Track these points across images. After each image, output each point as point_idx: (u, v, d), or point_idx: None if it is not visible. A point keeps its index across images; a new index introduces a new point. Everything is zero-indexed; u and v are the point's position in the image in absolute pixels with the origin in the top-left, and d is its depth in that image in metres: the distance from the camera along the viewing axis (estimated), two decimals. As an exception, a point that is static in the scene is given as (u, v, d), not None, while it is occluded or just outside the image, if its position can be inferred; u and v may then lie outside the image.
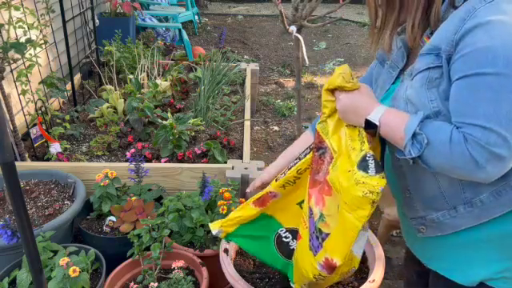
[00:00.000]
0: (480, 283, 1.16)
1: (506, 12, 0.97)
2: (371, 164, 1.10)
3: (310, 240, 1.32)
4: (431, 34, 1.10)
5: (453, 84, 1.01)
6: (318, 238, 1.27)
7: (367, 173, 1.08)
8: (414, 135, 1.02)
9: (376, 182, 1.06)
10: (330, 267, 1.22)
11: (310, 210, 1.31)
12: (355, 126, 1.19)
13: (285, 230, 1.53)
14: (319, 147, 1.33)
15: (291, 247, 1.52)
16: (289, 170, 1.44)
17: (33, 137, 2.74)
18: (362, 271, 1.69)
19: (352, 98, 1.16)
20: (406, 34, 1.14)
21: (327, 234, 1.23)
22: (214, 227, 1.54)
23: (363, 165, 1.11)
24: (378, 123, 1.10)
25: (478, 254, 1.15)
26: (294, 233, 1.50)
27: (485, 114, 0.94)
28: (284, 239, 1.53)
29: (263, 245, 1.54)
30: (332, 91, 1.24)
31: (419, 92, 1.08)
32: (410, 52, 1.21)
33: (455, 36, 1.00)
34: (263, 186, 1.53)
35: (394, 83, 1.24)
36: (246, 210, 1.51)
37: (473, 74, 0.96)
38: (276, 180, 1.47)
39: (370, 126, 1.12)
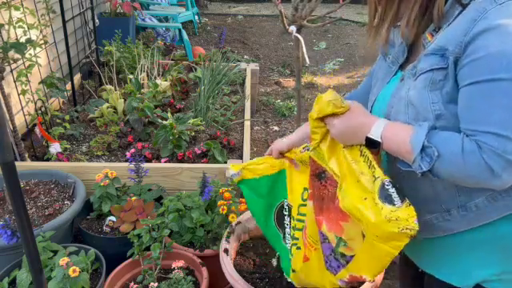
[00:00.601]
0: (476, 285, 1.15)
1: None
2: (393, 193, 1.06)
3: (326, 262, 1.30)
4: (434, 30, 1.07)
5: (462, 89, 0.98)
6: (339, 259, 1.26)
7: (394, 205, 1.04)
8: (423, 148, 0.98)
9: (407, 215, 1.02)
10: (357, 281, 1.22)
11: (323, 235, 1.29)
12: (353, 147, 1.16)
13: (287, 203, 1.53)
14: (317, 173, 1.30)
15: (285, 223, 1.54)
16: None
17: (38, 135, 2.74)
18: (362, 271, 1.69)
19: (347, 121, 1.13)
20: (400, 29, 1.11)
21: (352, 256, 1.22)
22: (235, 168, 1.54)
23: (385, 195, 1.06)
24: (380, 140, 1.07)
25: (474, 255, 1.13)
26: (290, 210, 1.51)
27: (500, 121, 0.91)
28: (284, 212, 1.54)
29: (265, 208, 1.56)
30: (320, 119, 1.21)
31: (421, 93, 1.05)
32: (411, 48, 1.18)
33: (465, 38, 0.96)
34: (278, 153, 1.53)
35: (393, 79, 1.21)
36: (272, 160, 1.53)
37: (486, 80, 0.93)
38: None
39: (371, 143, 1.09)
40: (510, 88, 0.91)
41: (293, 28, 1.51)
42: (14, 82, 2.67)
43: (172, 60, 4.44)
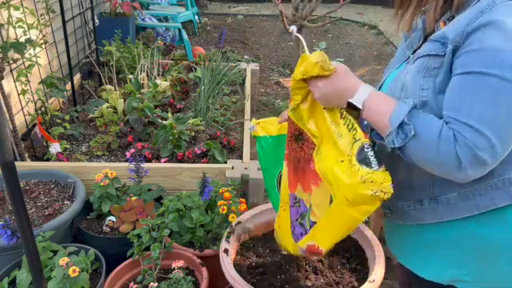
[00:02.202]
0: (449, 285, 1.16)
1: None
2: (371, 156, 1.05)
3: (291, 227, 1.31)
4: (449, 19, 1.06)
5: (453, 77, 0.98)
6: (303, 225, 1.25)
7: (371, 168, 1.03)
8: (401, 124, 0.98)
9: (383, 178, 1.02)
10: (313, 253, 1.22)
11: (294, 197, 1.29)
12: (334, 109, 1.15)
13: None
14: (295, 135, 1.28)
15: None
16: None
17: (38, 135, 2.74)
18: (362, 271, 1.69)
19: (332, 84, 1.10)
20: (427, 16, 1.09)
21: (314, 223, 1.22)
22: (253, 122, 1.63)
23: (363, 158, 1.05)
24: (361, 107, 1.06)
25: (445, 253, 1.13)
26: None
27: (479, 116, 0.92)
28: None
29: (271, 168, 1.62)
30: (304, 80, 1.17)
31: (414, 77, 1.05)
32: (428, 35, 1.16)
33: (467, 27, 0.96)
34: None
35: (406, 60, 1.21)
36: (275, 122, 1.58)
37: (477, 72, 0.93)
38: None
39: (353, 108, 1.08)
40: (497, 85, 0.91)
41: (293, 28, 1.50)
42: (14, 81, 2.67)
43: (172, 60, 4.43)
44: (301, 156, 1.28)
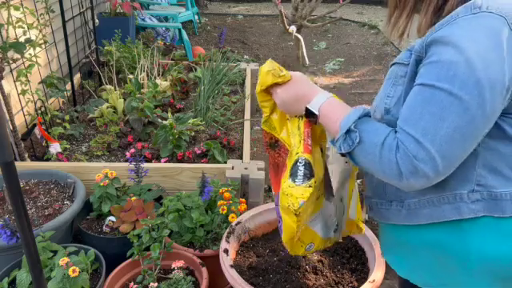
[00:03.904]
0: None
1: (484, 30, 0.91)
2: (300, 171, 1.12)
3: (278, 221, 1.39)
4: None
5: (413, 88, 0.98)
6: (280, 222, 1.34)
7: (294, 182, 1.12)
8: (348, 131, 1.01)
9: (301, 194, 1.09)
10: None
11: (278, 198, 1.35)
12: (296, 116, 1.21)
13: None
14: (270, 143, 1.36)
15: None
16: None
17: (38, 136, 2.74)
18: (362, 271, 1.69)
19: (289, 90, 1.16)
20: (419, 22, 1.09)
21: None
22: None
23: (294, 171, 1.13)
24: (317, 112, 1.10)
25: (416, 257, 1.15)
26: None
27: (424, 128, 0.92)
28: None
29: None
30: (266, 91, 1.24)
31: (385, 85, 1.08)
32: None
33: (427, 39, 0.96)
34: None
35: None
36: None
37: (429, 85, 0.93)
38: None
39: (310, 117, 1.12)
40: (445, 100, 0.91)
41: (293, 28, 1.51)
42: (14, 81, 2.67)
43: (172, 60, 4.43)
44: (279, 161, 1.35)
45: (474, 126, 0.92)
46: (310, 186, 1.11)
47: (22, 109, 2.79)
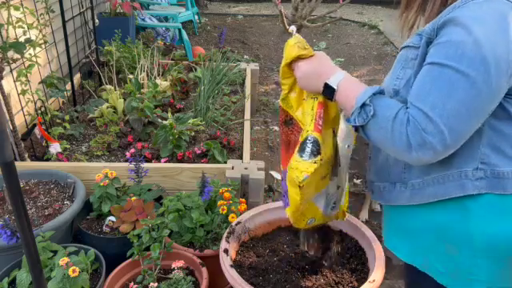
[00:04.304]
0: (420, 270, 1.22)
1: (492, 14, 0.98)
2: (308, 148, 1.20)
3: (283, 196, 1.46)
4: None
5: (423, 66, 1.05)
6: (285, 200, 1.41)
7: (301, 157, 1.20)
8: (363, 105, 1.06)
9: (306, 168, 1.17)
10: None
11: (285, 174, 1.42)
12: (311, 98, 1.27)
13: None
14: (285, 120, 1.42)
15: None
16: None
17: (38, 136, 2.74)
18: (362, 271, 1.69)
19: (311, 64, 1.21)
20: (425, 15, 1.17)
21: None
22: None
23: (302, 147, 1.22)
24: (335, 87, 1.15)
25: (411, 237, 1.21)
26: None
27: (432, 103, 0.98)
28: None
29: None
30: (289, 66, 1.29)
31: (395, 68, 1.15)
32: None
33: (438, 21, 1.04)
34: None
35: None
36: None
37: (438, 63, 1.00)
38: None
39: (327, 91, 1.17)
40: (452, 77, 0.97)
41: (293, 28, 1.51)
42: (14, 81, 2.67)
43: (172, 60, 4.43)
44: (291, 138, 1.42)
45: (480, 101, 0.98)
46: (315, 163, 1.19)
47: (22, 109, 2.79)
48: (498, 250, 1.07)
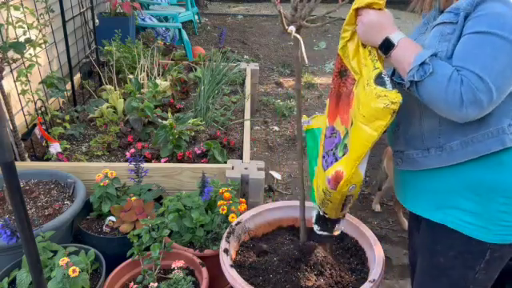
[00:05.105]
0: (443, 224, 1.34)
1: None
2: (387, 81, 1.23)
3: (323, 157, 1.47)
4: None
5: (463, 37, 1.19)
6: (337, 153, 1.42)
7: (385, 88, 1.22)
8: (423, 63, 1.17)
9: (395, 96, 1.19)
10: (337, 180, 1.37)
11: (332, 129, 1.46)
12: (366, 47, 1.32)
13: None
14: (340, 70, 1.44)
15: None
16: None
17: (38, 136, 2.74)
18: (362, 271, 1.69)
19: (380, 16, 1.28)
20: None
21: (348, 149, 1.37)
22: (305, 118, 1.83)
23: (380, 81, 1.24)
24: (396, 43, 1.24)
25: (448, 196, 1.32)
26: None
27: (482, 65, 1.13)
28: None
29: (315, 155, 1.70)
30: (356, 13, 1.32)
31: (431, 42, 1.26)
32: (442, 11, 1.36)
33: None
34: None
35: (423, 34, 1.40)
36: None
37: (483, 32, 1.14)
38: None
39: (385, 45, 1.26)
40: (497, 42, 1.13)
41: (292, 28, 1.51)
42: (14, 81, 2.67)
43: (172, 60, 4.43)
44: (343, 91, 1.44)
45: None
46: (398, 92, 1.20)
47: (22, 109, 2.79)
48: None
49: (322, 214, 1.61)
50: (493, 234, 1.28)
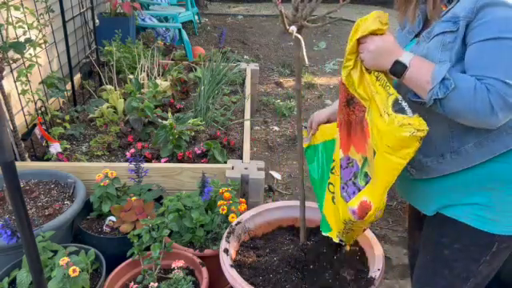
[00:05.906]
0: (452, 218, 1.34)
1: None
2: (406, 106, 1.21)
3: (341, 188, 1.44)
4: (449, 2, 1.28)
5: (472, 46, 1.18)
6: (357, 183, 1.38)
7: (407, 114, 1.19)
8: (443, 79, 1.16)
9: (419, 122, 1.16)
10: (364, 210, 1.33)
11: (348, 158, 1.43)
12: (371, 73, 1.30)
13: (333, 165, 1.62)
14: (347, 99, 1.42)
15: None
16: None
17: (38, 136, 2.74)
18: (362, 271, 1.69)
19: (385, 41, 1.27)
20: (428, 5, 1.31)
21: (370, 178, 1.34)
22: (305, 134, 1.77)
23: (399, 108, 1.21)
24: (408, 65, 1.22)
25: (461, 192, 1.32)
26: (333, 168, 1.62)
27: (505, 70, 1.13)
28: None
29: (321, 175, 1.71)
30: (358, 41, 1.31)
31: (433, 52, 1.24)
32: (427, 19, 1.37)
33: (476, 4, 1.17)
34: (320, 123, 1.73)
35: (408, 45, 1.39)
36: (327, 128, 1.69)
37: (495, 38, 1.14)
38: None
39: (397, 68, 1.24)
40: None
41: (293, 28, 1.51)
42: (14, 81, 2.67)
43: (172, 60, 4.43)
44: (352, 119, 1.43)
45: None
46: (420, 116, 1.17)
47: (23, 109, 2.79)
48: None
49: (338, 241, 1.61)
50: (503, 226, 1.29)
